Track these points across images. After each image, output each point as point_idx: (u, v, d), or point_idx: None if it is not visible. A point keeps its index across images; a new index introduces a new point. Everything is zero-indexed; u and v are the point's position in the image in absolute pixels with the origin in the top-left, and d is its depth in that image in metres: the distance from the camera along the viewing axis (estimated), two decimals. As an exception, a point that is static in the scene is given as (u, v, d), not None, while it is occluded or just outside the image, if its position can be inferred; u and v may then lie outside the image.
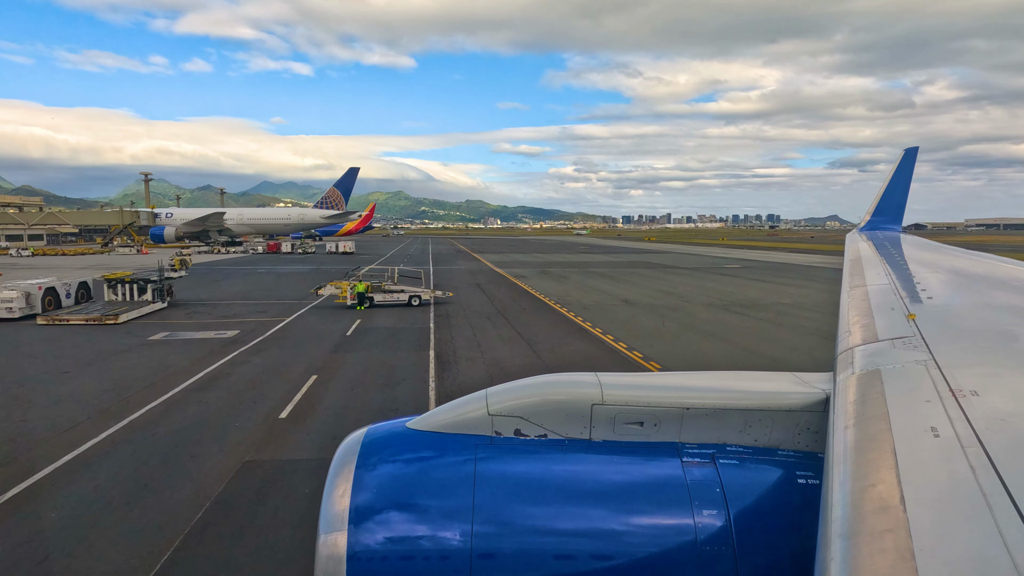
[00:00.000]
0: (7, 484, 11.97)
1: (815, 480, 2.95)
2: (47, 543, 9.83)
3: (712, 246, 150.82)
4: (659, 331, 29.95)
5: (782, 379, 3.59)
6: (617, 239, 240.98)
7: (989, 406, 2.45)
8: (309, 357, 23.59)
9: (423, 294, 38.18)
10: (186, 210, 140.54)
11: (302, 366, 22.13)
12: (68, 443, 14.18)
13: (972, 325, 4.23)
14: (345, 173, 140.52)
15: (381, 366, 22.25)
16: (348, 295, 36.94)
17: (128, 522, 10.57)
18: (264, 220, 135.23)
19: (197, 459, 13.31)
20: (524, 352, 24.86)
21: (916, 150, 13.50)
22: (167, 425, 15.57)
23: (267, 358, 23.49)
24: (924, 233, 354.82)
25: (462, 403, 3.38)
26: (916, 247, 9.61)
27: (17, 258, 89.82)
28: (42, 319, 31.19)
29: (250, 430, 15.20)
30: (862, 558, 1.66)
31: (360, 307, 36.50)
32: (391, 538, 2.77)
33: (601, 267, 75.81)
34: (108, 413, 16.51)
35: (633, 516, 2.86)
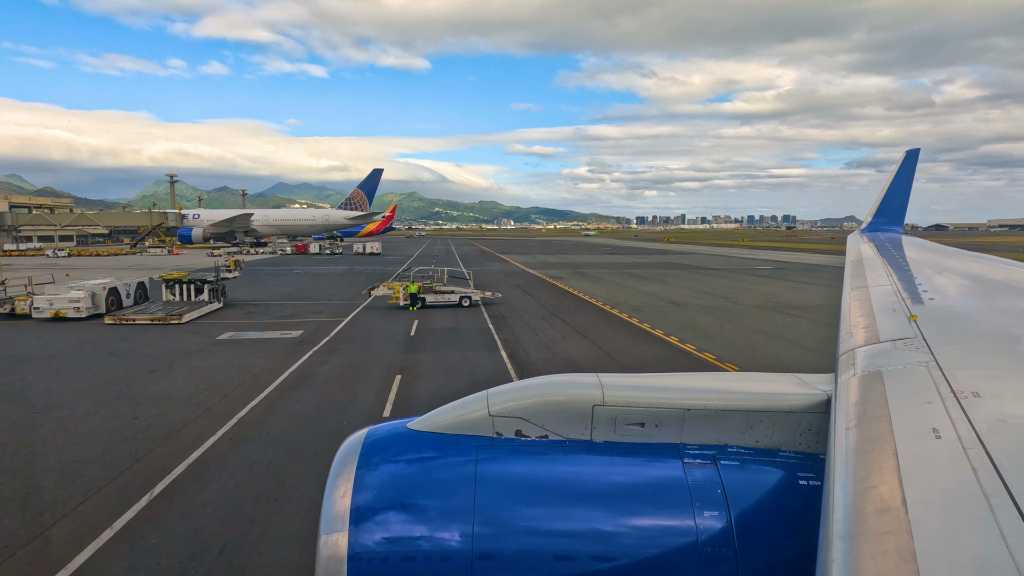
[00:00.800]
0: (152, 479, 12.26)
1: (816, 481, 2.95)
2: (216, 537, 10.07)
3: (733, 247, 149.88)
4: (721, 333, 29.88)
5: (783, 380, 3.60)
6: (634, 240, 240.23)
7: (991, 407, 2.44)
8: (384, 357, 23.84)
9: (473, 295, 38.43)
10: (212, 211, 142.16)
11: (382, 366, 22.38)
12: (190, 440, 14.48)
13: (974, 326, 4.22)
14: (369, 175, 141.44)
15: (460, 366, 22.43)
16: (401, 296, 37.26)
17: (282, 516, 10.80)
18: (289, 221, 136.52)
19: (320, 457, 13.53)
20: (594, 353, 24.93)
21: (917, 152, 13.50)
22: (277, 424, 15.83)
23: (343, 358, 23.76)
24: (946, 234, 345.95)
25: (463, 404, 3.38)
26: (917, 248, 9.60)
27: (54, 259, 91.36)
28: (109, 318, 31.76)
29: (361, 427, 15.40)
30: (863, 560, 1.65)
31: (412, 308, 36.78)
32: (392, 539, 2.78)
33: (633, 268, 75.67)
34: (214, 411, 16.82)
35: (634, 517, 2.86)
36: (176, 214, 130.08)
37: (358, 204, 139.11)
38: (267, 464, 13.16)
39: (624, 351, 25.28)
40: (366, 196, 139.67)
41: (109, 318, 31.77)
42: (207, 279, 37.41)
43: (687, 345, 26.43)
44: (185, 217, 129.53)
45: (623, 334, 29.19)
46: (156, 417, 16.32)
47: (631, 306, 39.04)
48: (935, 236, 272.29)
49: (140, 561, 9.39)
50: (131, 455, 13.59)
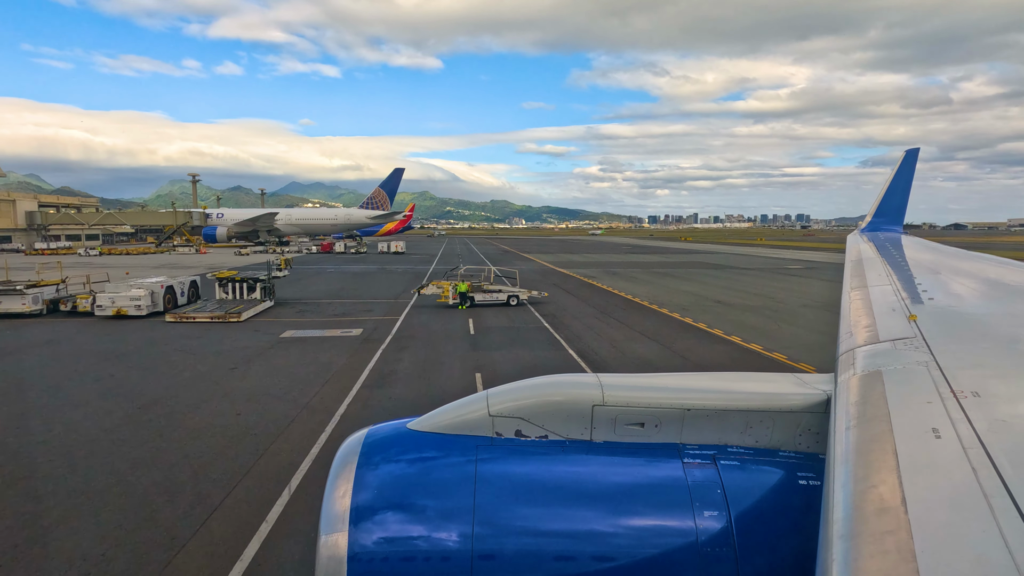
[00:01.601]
0: (284, 474, 12.50)
1: (816, 481, 2.95)
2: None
3: (754, 246, 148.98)
4: (781, 332, 29.81)
5: (783, 380, 3.59)
6: (650, 239, 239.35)
7: (990, 407, 2.44)
8: (456, 355, 24.02)
9: (520, 294, 38.56)
10: (236, 210, 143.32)
11: (457, 364, 22.56)
12: (304, 437, 14.71)
13: (973, 326, 4.20)
14: (390, 174, 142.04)
15: (535, 364, 22.55)
16: (450, 295, 37.47)
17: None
18: (312, 220, 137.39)
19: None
20: (663, 352, 24.97)
21: (917, 151, 13.46)
22: (382, 420, 16.01)
23: (414, 356, 23.97)
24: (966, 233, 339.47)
25: (463, 404, 3.38)
26: (917, 248, 9.58)
27: (86, 257, 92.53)
28: (170, 316, 32.20)
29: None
30: (863, 559, 1.65)
31: (462, 306, 36.98)
32: (392, 539, 2.78)
33: (662, 267, 75.48)
34: (313, 408, 17.07)
35: (634, 517, 2.86)
36: (200, 213, 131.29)
37: (379, 203, 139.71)
38: (389, 460, 13.34)
39: (693, 351, 25.30)
40: (387, 195, 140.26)
41: (170, 316, 32.21)
42: (259, 277, 37.82)
43: (753, 345, 26.40)
44: (209, 216, 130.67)
45: (685, 334, 29.19)
46: (258, 414, 16.58)
47: (678, 306, 39.00)
48: (954, 236, 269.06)
49: (307, 554, 9.60)
50: (252, 450, 13.84)
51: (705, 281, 56.94)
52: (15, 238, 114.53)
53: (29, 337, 27.79)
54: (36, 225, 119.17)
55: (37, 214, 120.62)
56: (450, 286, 37.79)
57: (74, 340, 27.28)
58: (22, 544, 9.87)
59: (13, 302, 32.92)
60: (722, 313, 36.16)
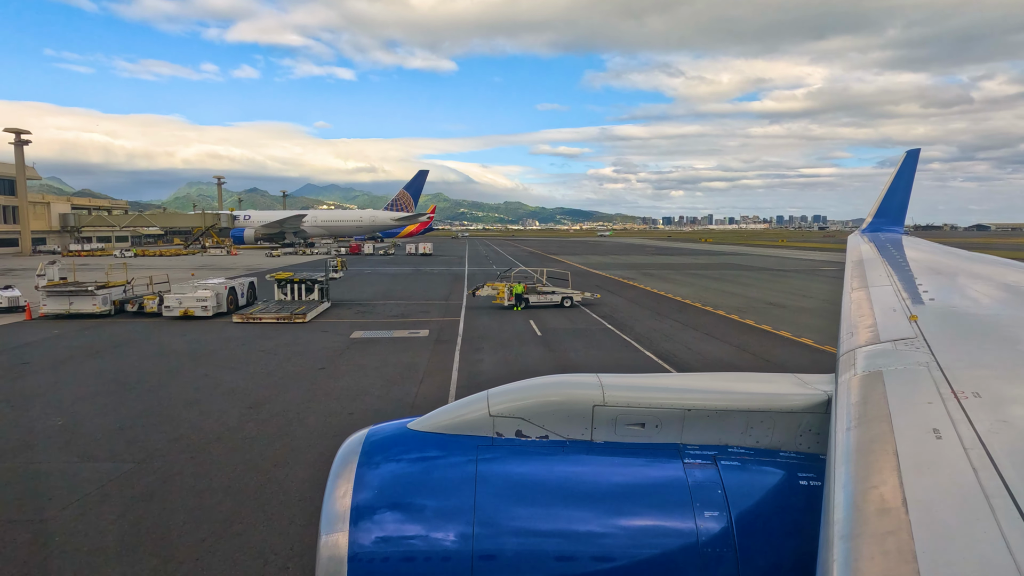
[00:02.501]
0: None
1: (817, 482, 2.94)
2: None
3: (777, 247, 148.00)
4: (847, 334, 29.70)
5: (784, 380, 3.59)
6: (668, 240, 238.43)
7: (991, 408, 2.43)
8: (532, 356, 24.24)
9: (573, 295, 38.74)
10: (263, 212, 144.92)
11: (538, 364, 22.77)
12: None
13: (974, 326, 4.19)
14: (414, 176, 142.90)
15: (619, 364, 22.72)
16: (505, 296, 37.73)
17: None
18: (338, 222, 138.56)
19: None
20: (741, 354, 25.03)
21: (918, 152, 13.41)
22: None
23: (494, 356, 24.22)
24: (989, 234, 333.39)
25: (463, 404, 3.38)
26: (917, 249, 9.55)
27: (122, 259, 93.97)
28: (237, 317, 32.75)
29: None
30: (864, 560, 1.65)
31: (517, 308, 37.22)
32: (392, 539, 2.78)
33: (694, 269, 75.32)
34: (420, 408, 17.33)
35: (634, 518, 2.85)
36: (228, 215, 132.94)
37: (404, 205, 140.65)
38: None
39: (771, 352, 25.34)
40: (411, 197, 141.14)
41: (237, 317, 32.76)
42: (317, 279, 38.33)
43: (827, 347, 26.36)
44: (236, 218, 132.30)
45: (754, 336, 29.20)
46: (371, 413, 16.89)
47: (731, 307, 38.97)
48: (976, 237, 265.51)
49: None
50: (383, 449, 14.12)
51: (745, 283, 56.76)
52: (49, 240, 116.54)
53: (109, 337, 28.40)
54: (69, 227, 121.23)
55: (70, 216, 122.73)
56: (505, 288, 38.05)
57: (153, 340, 27.84)
58: (209, 539, 10.21)
59: (84, 303, 33.64)
60: (780, 315, 36.08)
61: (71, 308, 33.49)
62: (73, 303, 33.55)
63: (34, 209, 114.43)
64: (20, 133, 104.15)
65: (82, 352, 25.07)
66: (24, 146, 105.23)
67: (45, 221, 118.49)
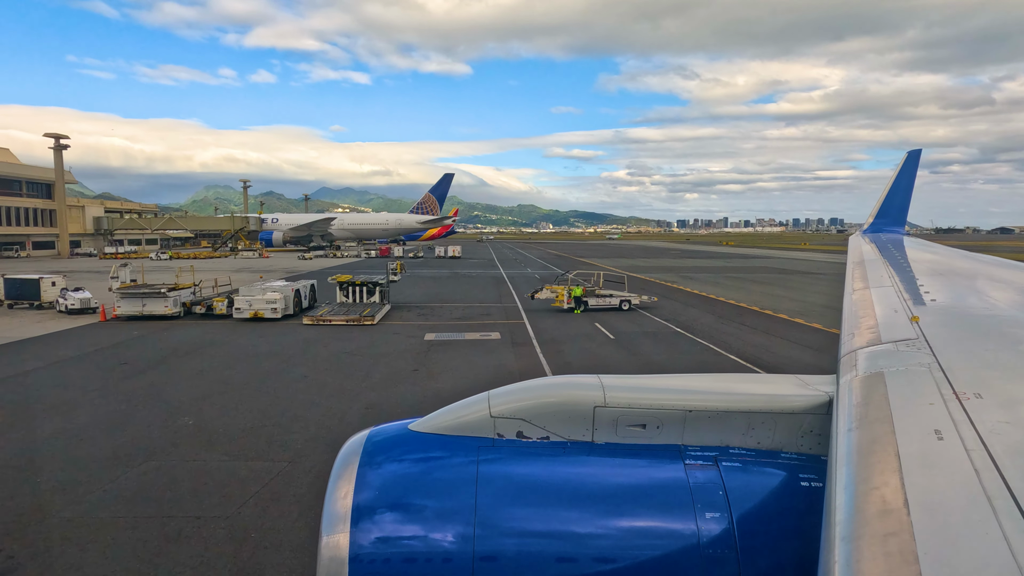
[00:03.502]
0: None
1: (818, 483, 2.93)
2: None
3: (802, 250, 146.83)
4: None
5: (785, 381, 3.57)
6: (687, 243, 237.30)
7: (993, 409, 2.41)
8: (615, 357, 24.37)
9: (631, 299, 38.81)
10: (291, 215, 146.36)
11: (628, 365, 22.89)
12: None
13: (976, 327, 4.16)
14: (440, 180, 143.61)
15: (705, 365, 22.78)
16: (565, 299, 37.88)
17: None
18: (365, 225, 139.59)
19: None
20: (820, 357, 24.97)
21: (919, 152, 13.33)
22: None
23: (580, 357, 24.38)
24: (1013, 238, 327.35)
25: (464, 405, 3.35)
26: (919, 249, 9.47)
27: (157, 261, 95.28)
28: (308, 319, 33.19)
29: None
30: (865, 561, 1.64)
31: (576, 311, 37.34)
32: (393, 540, 2.77)
33: (732, 272, 75.03)
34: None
35: (635, 519, 2.84)
36: (256, 218, 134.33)
37: (429, 208, 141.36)
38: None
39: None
40: (437, 201, 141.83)
41: (308, 319, 33.20)
42: (378, 281, 38.72)
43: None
44: (264, 221, 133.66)
45: (831, 340, 29.10)
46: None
47: (792, 311, 38.83)
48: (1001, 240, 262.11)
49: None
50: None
51: (790, 286, 56.47)
52: (84, 243, 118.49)
53: (192, 338, 28.92)
54: (103, 230, 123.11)
55: (104, 219, 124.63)
56: (564, 290, 38.21)
57: (236, 342, 28.30)
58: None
59: (156, 304, 34.28)
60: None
61: (144, 310, 34.14)
62: (146, 305, 34.19)
63: (69, 212, 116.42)
64: (59, 138, 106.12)
65: (173, 353, 25.57)
66: (63, 151, 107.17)
67: (80, 224, 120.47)
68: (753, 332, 30.81)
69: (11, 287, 38.95)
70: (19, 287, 38.87)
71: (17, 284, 39.04)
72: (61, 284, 39.11)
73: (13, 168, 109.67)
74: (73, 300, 36.12)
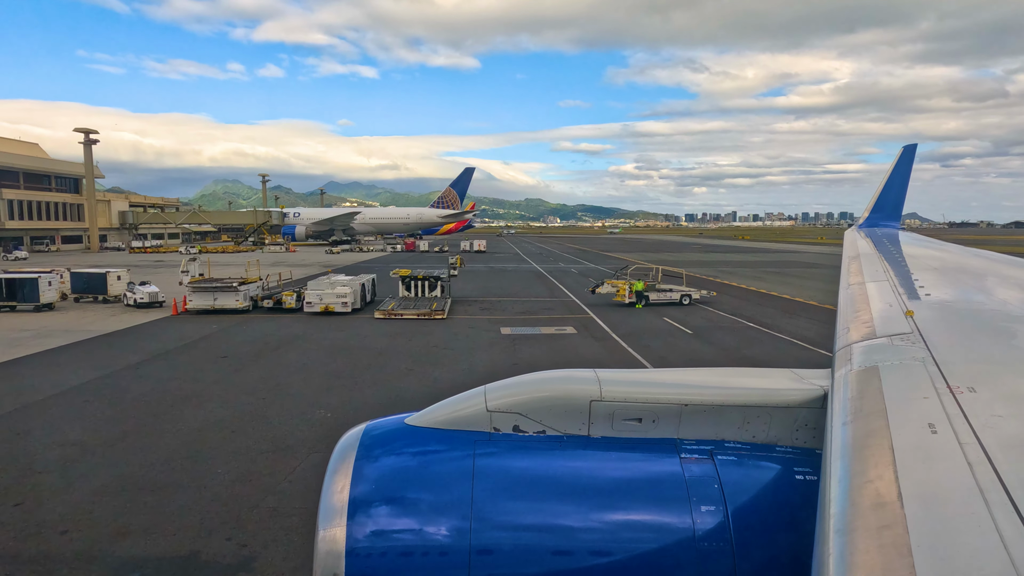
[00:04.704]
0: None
1: (813, 476, 2.92)
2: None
3: (822, 244, 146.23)
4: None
5: (780, 375, 3.58)
6: (700, 237, 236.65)
7: (987, 403, 2.43)
8: (711, 351, 24.52)
9: (692, 293, 38.88)
10: (314, 210, 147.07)
11: (726, 358, 23.04)
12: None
13: (970, 322, 4.20)
14: (461, 174, 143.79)
15: (806, 361, 22.89)
16: (626, 293, 38.01)
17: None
18: (386, 220, 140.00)
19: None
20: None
21: (915, 147, 13.35)
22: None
23: (671, 351, 24.55)
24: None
25: (460, 399, 3.36)
26: (914, 244, 9.50)
27: (188, 255, 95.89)
28: (379, 313, 33.47)
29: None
30: (859, 554, 1.65)
31: (638, 305, 37.47)
32: (390, 533, 2.78)
33: (766, 266, 74.96)
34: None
35: (631, 512, 2.85)
36: (279, 212, 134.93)
37: (450, 202, 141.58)
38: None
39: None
40: (458, 195, 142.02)
41: (379, 313, 33.48)
42: (440, 276, 38.95)
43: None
44: (286, 215, 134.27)
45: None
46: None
47: (851, 305, 38.80)
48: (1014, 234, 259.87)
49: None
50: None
51: (834, 279, 56.21)
52: (109, 237, 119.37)
53: (274, 332, 29.21)
54: (128, 224, 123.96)
55: (129, 214, 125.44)
56: (626, 285, 38.33)
57: (318, 336, 28.59)
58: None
59: (228, 298, 34.64)
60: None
61: (215, 304, 34.50)
62: (217, 299, 34.55)
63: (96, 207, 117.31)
64: (89, 133, 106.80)
65: (265, 347, 25.89)
66: (93, 145, 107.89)
67: (106, 218, 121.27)
68: (827, 326, 30.86)
69: (78, 281, 39.41)
70: (86, 281, 39.33)
71: (84, 278, 39.50)
72: (126, 278, 39.56)
73: (43, 163, 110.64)
74: (142, 294, 36.56)
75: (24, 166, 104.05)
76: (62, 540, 10.23)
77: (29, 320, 32.47)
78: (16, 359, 23.47)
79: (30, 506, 11.41)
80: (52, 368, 22.09)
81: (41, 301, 35.18)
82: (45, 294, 35.39)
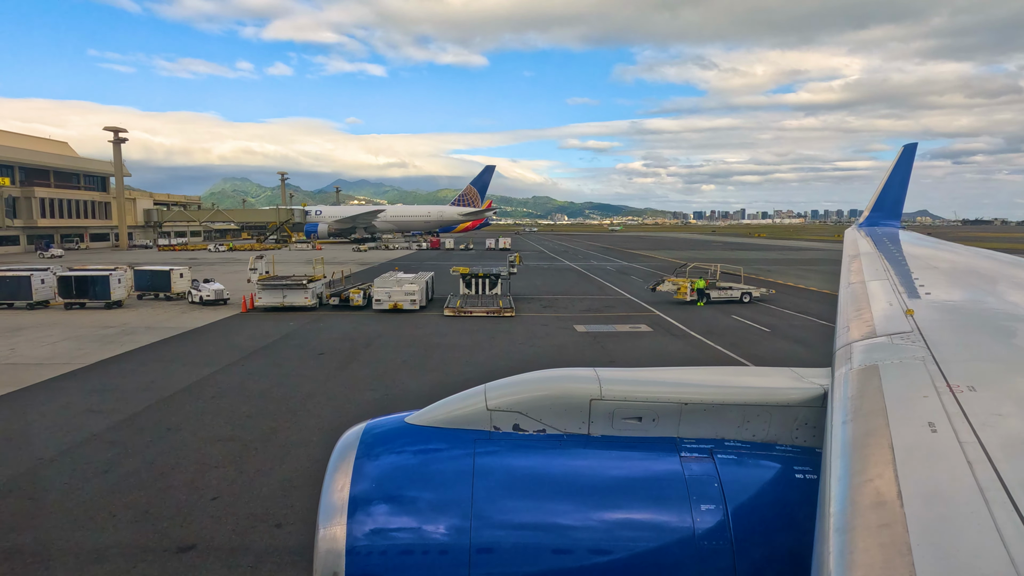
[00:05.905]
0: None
1: (813, 475, 2.94)
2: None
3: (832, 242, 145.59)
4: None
5: (780, 374, 3.58)
6: (713, 235, 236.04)
7: (986, 401, 2.44)
8: (801, 350, 24.58)
9: (752, 291, 38.94)
10: (335, 208, 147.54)
11: (818, 359, 23.10)
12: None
13: (970, 320, 4.19)
14: (481, 171, 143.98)
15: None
16: (687, 291, 38.10)
17: None
18: (407, 218, 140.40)
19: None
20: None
21: (915, 146, 13.36)
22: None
23: (758, 349, 24.63)
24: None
25: (461, 398, 3.36)
26: (914, 243, 9.52)
27: (216, 253, 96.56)
28: (448, 311, 33.71)
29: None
30: (859, 553, 1.65)
31: (700, 303, 37.55)
32: (390, 531, 2.77)
33: (800, 263, 74.90)
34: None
35: (631, 511, 2.86)
36: (301, 210, 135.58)
37: (471, 200, 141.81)
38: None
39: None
40: (478, 192, 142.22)
41: (449, 310, 33.71)
42: (500, 274, 39.14)
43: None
44: (308, 213, 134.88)
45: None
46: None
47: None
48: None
49: None
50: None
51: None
52: (135, 234, 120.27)
53: (352, 329, 29.46)
54: (153, 222, 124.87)
55: (154, 212, 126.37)
56: (687, 283, 38.42)
57: (396, 333, 28.80)
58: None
59: (297, 296, 34.93)
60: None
61: (284, 301, 34.80)
62: (286, 296, 34.85)
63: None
64: (118, 131, 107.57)
65: (355, 344, 26.15)
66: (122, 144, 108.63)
67: (131, 216, 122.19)
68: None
69: (142, 278, 39.81)
70: (150, 278, 39.74)
71: (147, 276, 39.91)
72: (189, 276, 39.94)
73: (72, 161, 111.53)
74: (207, 291, 36.92)
75: (55, 164, 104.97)
76: (280, 533, 10.47)
77: (106, 317, 32.86)
78: (117, 356, 23.81)
79: (227, 499, 11.66)
80: (161, 364, 22.43)
81: (112, 298, 35.60)
82: (116, 291, 35.80)
